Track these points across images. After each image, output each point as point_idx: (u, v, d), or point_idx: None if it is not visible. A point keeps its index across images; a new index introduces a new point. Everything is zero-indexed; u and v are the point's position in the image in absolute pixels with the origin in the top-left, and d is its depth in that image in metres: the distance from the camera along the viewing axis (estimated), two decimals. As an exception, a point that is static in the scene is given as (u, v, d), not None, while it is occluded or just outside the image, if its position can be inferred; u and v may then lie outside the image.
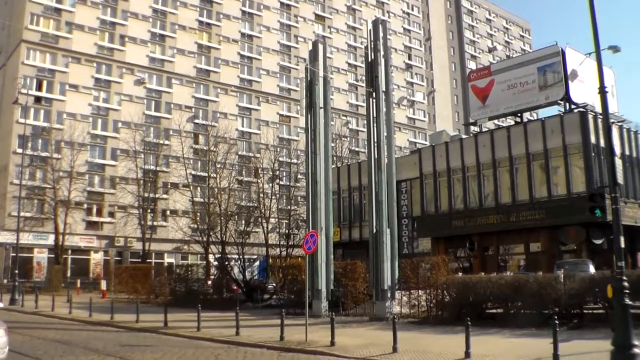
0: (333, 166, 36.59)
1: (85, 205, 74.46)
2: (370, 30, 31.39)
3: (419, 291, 28.18)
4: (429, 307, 27.14)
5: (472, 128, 54.35)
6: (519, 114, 48.26)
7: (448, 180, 46.64)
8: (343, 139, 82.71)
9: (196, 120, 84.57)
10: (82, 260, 74.27)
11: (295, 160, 73.71)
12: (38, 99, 74.49)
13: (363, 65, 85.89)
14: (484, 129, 54.47)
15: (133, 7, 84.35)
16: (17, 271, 45.39)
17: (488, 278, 25.37)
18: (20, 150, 64.58)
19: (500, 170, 43.23)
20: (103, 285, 54.07)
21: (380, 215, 28.47)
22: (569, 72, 43.38)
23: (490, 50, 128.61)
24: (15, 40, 77.93)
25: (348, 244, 52.59)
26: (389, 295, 27.57)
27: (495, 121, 57.58)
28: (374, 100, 30.10)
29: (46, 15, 78.09)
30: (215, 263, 51.68)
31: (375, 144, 29.71)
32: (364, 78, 43.63)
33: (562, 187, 39.69)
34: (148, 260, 64.25)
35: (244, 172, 76.85)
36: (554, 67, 44.17)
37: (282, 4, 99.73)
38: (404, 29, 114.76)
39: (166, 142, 76.55)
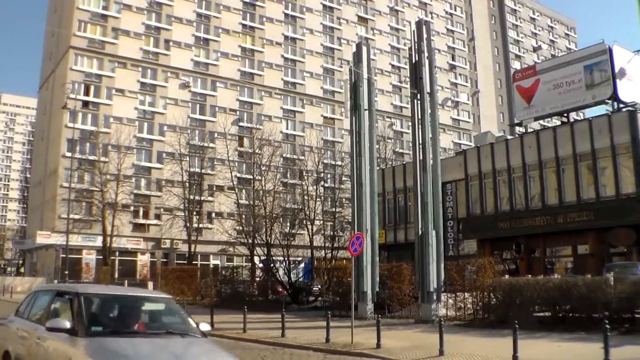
0: (378, 168, 36.37)
1: (132, 208, 75.42)
2: (414, 31, 31.24)
3: (465, 293, 27.96)
4: (475, 309, 26.91)
5: (518, 129, 53.79)
6: (566, 114, 47.55)
7: (494, 182, 46.17)
8: (387, 140, 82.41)
9: (241, 123, 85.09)
10: (129, 261, 75.27)
11: (339, 162, 73.82)
12: (86, 104, 75.61)
13: (406, 67, 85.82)
14: (529, 130, 53.88)
15: (177, 12, 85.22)
16: (67, 272, 46.31)
17: (535, 281, 25.05)
18: (69, 154, 65.76)
19: (546, 171, 42.62)
20: (150, 286, 54.66)
21: (425, 217, 28.32)
22: (616, 70, 42.54)
23: (534, 50, 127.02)
24: (64, 47, 79.41)
25: (393, 246, 52.34)
26: (434, 297, 27.40)
27: (541, 121, 56.80)
28: (419, 102, 29.96)
29: (93, 21, 79.35)
30: (261, 265, 51.92)
31: (421, 146, 29.56)
32: (407, 79, 43.48)
33: (611, 188, 38.92)
34: (194, 262, 64.60)
35: (288, 175, 77.27)
36: (601, 66, 43.38)
37: (324, 6, 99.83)
38: (447, 29, 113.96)
39: (211, 144, 76.99)
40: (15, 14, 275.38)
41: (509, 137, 50.86)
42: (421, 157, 29.44)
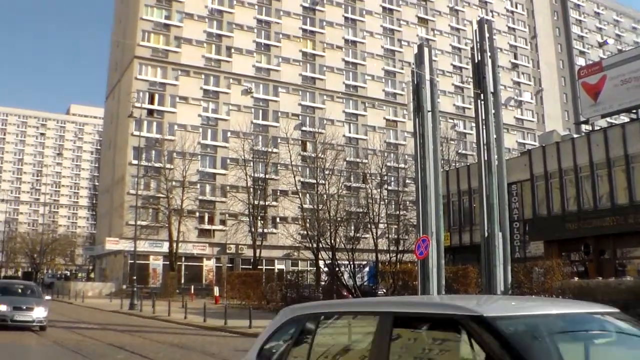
0: (442, 170, 36.00)
1: (197, 214, 76.35)
2: (475, 31, 30.83)
3: (533, 296, 27.51)
4: (544, 312, 26.41)
5: (584, 127, 52.68)
6: (635, 111, 46.31)
7: (560, 182, 45.24)
8: (450, 142, 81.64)
9: (303, 128, 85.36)
10: (195, 267, 76.17)
11: (403, 165, 73.33)
12: (150, 112, 76.88)
13: (468, 67, 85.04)
14: (596, 128, 52.74)
15: (238, 19, 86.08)
16: (135, 277, 46.96)
17: (606, 283, 24.50)
18: (135, 162, 66.85)
19: (615, 170, 41.53)
20: (216, 291, 55.05)
21: (491, 218, 27.92)
22: (688, 63, 41.39)
23: (600, 45, 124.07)
24: (129, 57, 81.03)
25: (458, 248, 51.75)
26: (502, 300, 26.97)
27: (608, 119, 55.52)
28: (482, 102, 29.55)
29: (156, 31, 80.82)
30: (326, 269, 51.91)
31: (485, 147, 29.16)
32: (469, 80, 43.10)
33: (684, 186, 37.88)
34: (259, 267, 64.92)
35: (352, 178, 77.08)
36: (672, 59, 42.24)
37: (384, 8, 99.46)
38: (509, 27, 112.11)
39: (274, 150, 77.38)
40: (82, 26, 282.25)
41: (575, 135, 49.86)
42: (485, 158, 29.04)
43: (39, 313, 23.74)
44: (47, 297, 25.76)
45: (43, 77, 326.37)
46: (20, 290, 26.37)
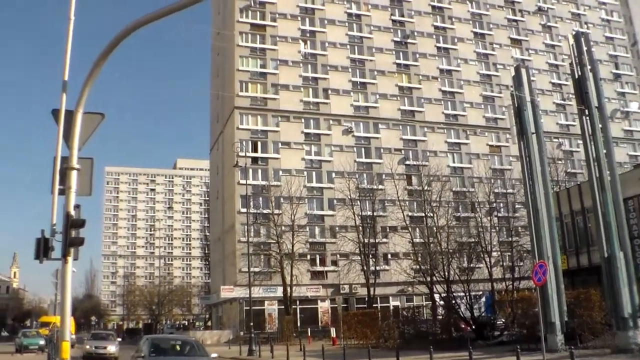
0: (551, 191, 35.04)
1: (308, 256, 76.79)
2: (572, 45, 30.23)
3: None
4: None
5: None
6: None
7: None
8: (558, 162, 79.59)
9: (407, 162, 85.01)
10: (310, 309, 76.30)
11: (511, 190, 72.06)
12: (255, 160, 78.40)
13: (568, 83, 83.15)
14: None
15: (332, 61, 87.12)
16: (252, 323, 47.57)
17: None
18: (244, 210, 68.20)
19: None
20: (332, 332, 55.05)
21: (610, 238, 26.99)
22: None
23: None
24: (229, 108, 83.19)
25: (576, 271, 49.94)
26: (630, 324, 25.84)
27: None
28: (587, 118, 28.83)
29: (253, 80, 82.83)
30: (441, 302, 51.24)
31: (595, 163, 28.37)
32: (570, 96, 42.04)
33: None
34: (374, 305, 64.54)
35: (460, 208, 76.12)
36: None
37: (476, 34, 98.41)
38: (606, 37, 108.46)
39: (380, 186, 77.41)
40: (180, 83, 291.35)
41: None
42: (597, 175, 28.22)
43: None
44: (214, 355, 21.71)
45: (150, 135, 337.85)
46: (178, 348, 21.38)
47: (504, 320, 40.24)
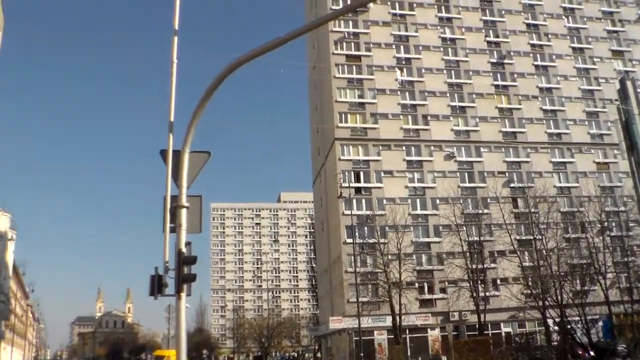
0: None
1: (416, 284, 76.17)
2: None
3: None
4: None
5: None
6: None
7: None
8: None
9: (511, 184, 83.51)
10: (420, 338, 75.45)
11: (622, 208, 69.83)
12: (358, 190, 78.87)
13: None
14: None
15: (429, 86, 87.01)
16: (362, 354, 47.67)
17: None
18: (349, 240, 68.66)
19: None
20: (445, 360, 54.60)
21: None
22: None
23: None
24: (330, 140, 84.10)
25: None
26: None
27: None
28: None
29: (352, 111, 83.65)
30: (556, 327, 49.97)
31: None
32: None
33: None
34: (485, 332, 63.59)
35: (569, 229, 74.21)
36: None
37: (574, 49, 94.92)
38: None
39: (485, 210, 76.41)
40: (280, 119, 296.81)
41: None
42: None
43: None
44: None
45: (252, 171, 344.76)
46: None
47: (625, 345, 38.88)
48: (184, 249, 12.98)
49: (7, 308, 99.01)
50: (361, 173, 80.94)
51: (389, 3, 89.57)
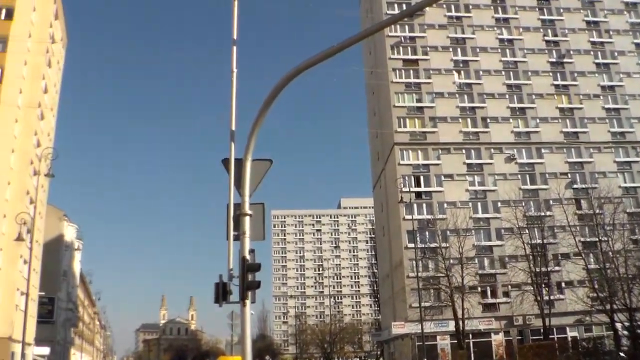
0: None
1: (479, 288, 75.42)
2: None
3: None
4: None
5: None
6: None
7: None
8: None
9: (574, 185, 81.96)
10: (483, 342, 74.66)
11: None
12: (418, 194, 78.54)
13: None
14: None
15: (487, 88, 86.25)
16: (425, 359, 47.41)
17: None
18: (411, 245, 68.43)
19: None
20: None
21: None
22: None
23: None
24: (389, 145, 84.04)
25: None
26: None
27: None
28: None
29: (410, 115, 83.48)
30: (625, 332, 48.93)
31: None
32: None
33: None
34: (550, 336, 62.63)
35: (637, 230, 72.67)
36: None
37: (637, 44, 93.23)
38: None
39: (548, 212, 75.26)
40: (338, 125, 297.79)
41: None
42: None
43: None
44: None
45: (312, 177, 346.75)
46: None
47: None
48: (247, 257, 13.10)
49: (76, 315, 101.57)
50: (421, 177, 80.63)
51: (444, 6, 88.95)
